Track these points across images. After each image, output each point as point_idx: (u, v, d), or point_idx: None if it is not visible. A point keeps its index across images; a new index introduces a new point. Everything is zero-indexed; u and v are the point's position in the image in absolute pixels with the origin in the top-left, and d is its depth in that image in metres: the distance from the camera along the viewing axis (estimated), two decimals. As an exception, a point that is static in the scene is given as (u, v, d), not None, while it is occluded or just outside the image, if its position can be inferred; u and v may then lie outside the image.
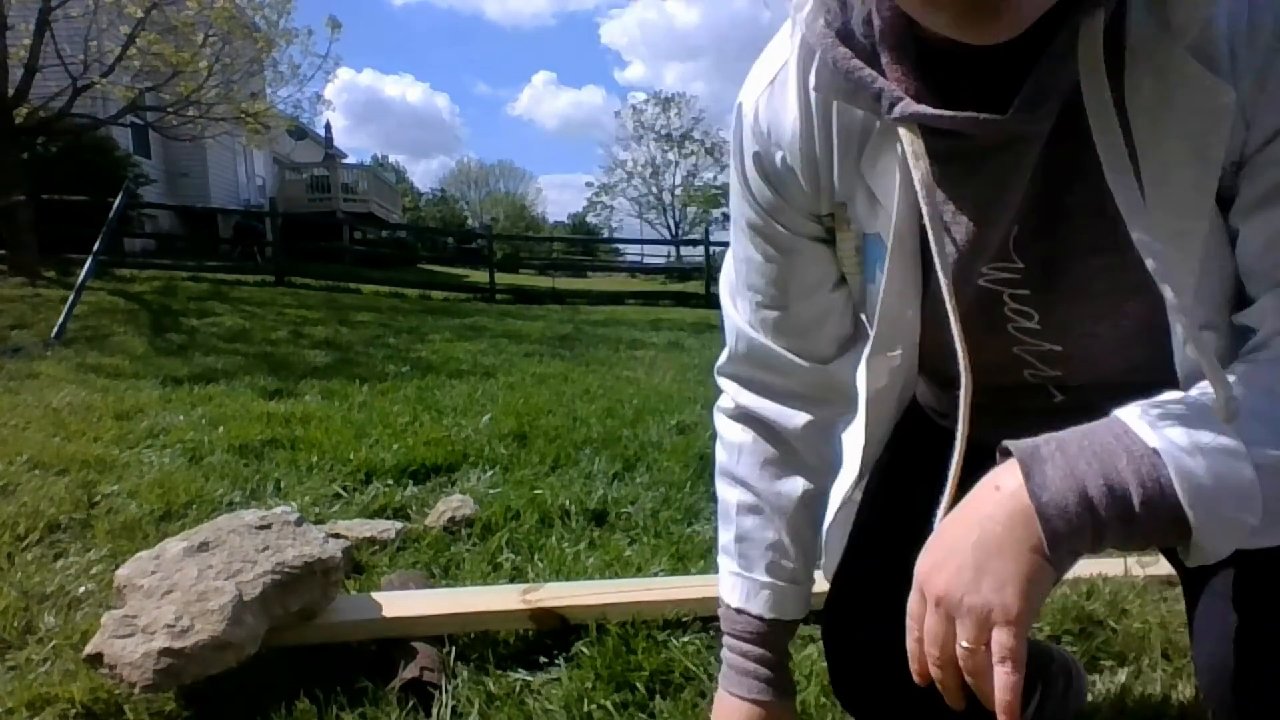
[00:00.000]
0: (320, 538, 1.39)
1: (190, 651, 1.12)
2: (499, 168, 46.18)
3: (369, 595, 1.45)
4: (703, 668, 1.28)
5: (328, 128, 23.14)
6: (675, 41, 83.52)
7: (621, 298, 13.12)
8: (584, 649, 1.34)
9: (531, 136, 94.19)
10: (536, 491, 2.21)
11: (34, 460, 2.39)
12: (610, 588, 1.50)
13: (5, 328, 5.30)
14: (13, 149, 7.74)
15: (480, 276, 12.67)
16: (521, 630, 1.39)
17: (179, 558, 1.29)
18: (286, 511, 1.45)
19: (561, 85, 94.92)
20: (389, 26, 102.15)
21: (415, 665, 1.25)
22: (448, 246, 20.56)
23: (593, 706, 1.20)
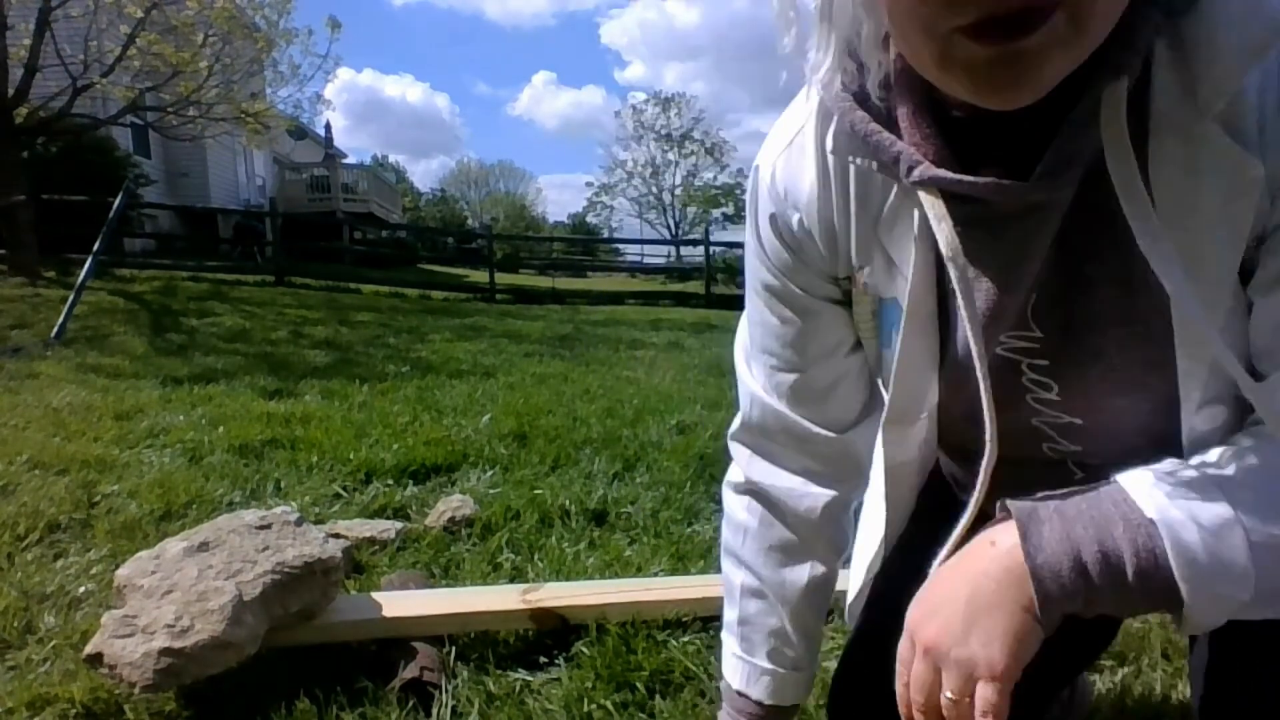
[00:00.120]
0: (320, 538, 1.39)
1: (190, 651, 1.12)
2: (499, 168, 46.16)
3: (369, 595, 1.45)
4: (703, 668, 1.29)
5: (328, 128, 23.14)
6: (675, 41, 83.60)
7: (621, 298, 13.11)
8: (584, 649, 1.34)
9: (531, 136, 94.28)
10: (536, 491, 2.21)
11: (34, 460, 2.39)
12: (610, 588, 1.50)
13: (5, 328, 5.30)
14: (13, 149, 7.74)
15: (480, 276, 12.66)
16: (521, 630, 1.39)
17: (179, 558, 1.29)
18: (286, 511, 1.45)
19: (561, 85, 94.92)
20: (389, 26, 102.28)
21: (415, 665, 1.25)
22: (448, 246, 20.52)
23: (593, 706, 1.20)
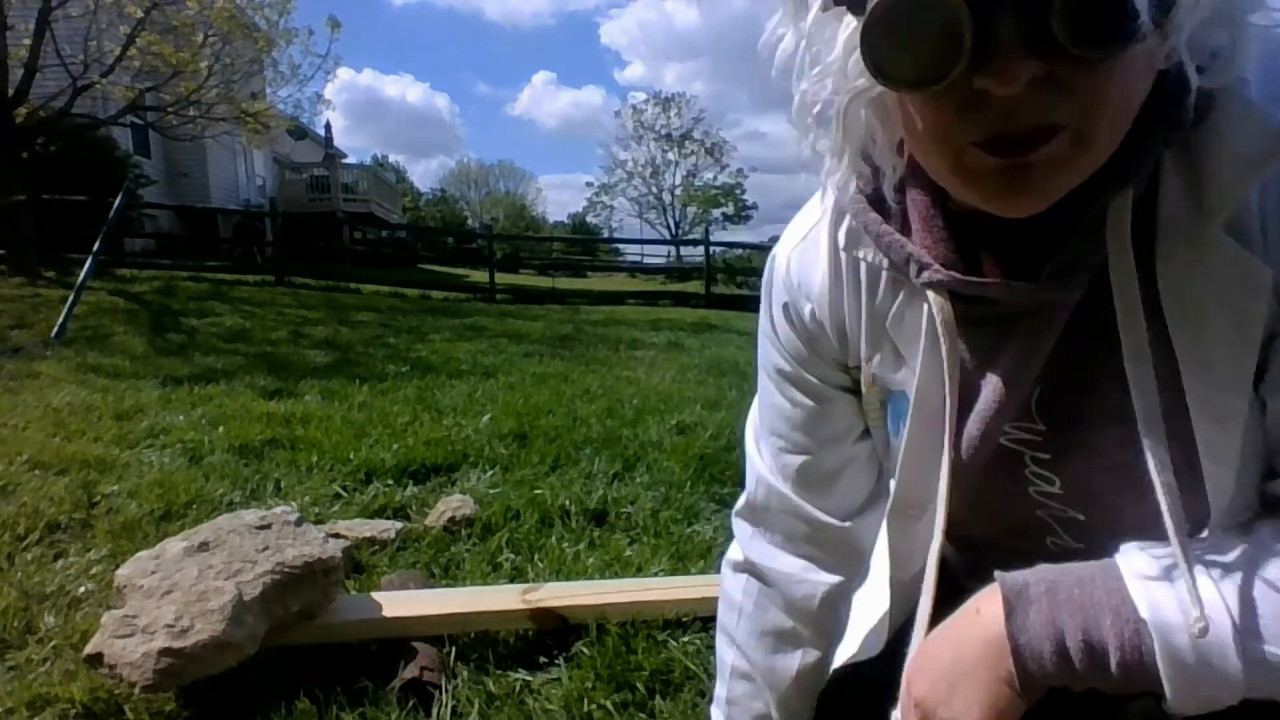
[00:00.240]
0: (320, 538, 1.39)
1: (190, 651, 1.12)
2: (499, 168, 46.10)
3: (369, 595, 1.45)
4: (703, 668, 1.29)
5: (328, 128, 23.11)
6: (675, 41, 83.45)
7: (621, 298, 13.10)
8: (584, 649, 1.34)
9: (531, 136, 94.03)
10: (536, 491, 2.21)
11: (34, 460, 2.39)
12: (610, 588, 1.50)
13: (5, 328, 5.30)
14: (13, 149, 7.74)
15: (480, 276, 12.65)
16: (521, 630, 1.39)
17: (179, 558, 1.29)
18: (286, 511, 1.45)
19: (561, 85, 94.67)
20: (389, 26, 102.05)
21: (415, 665, 1.25)
22: (448, 246, 20.50)
23: (593, 706, 1.20)
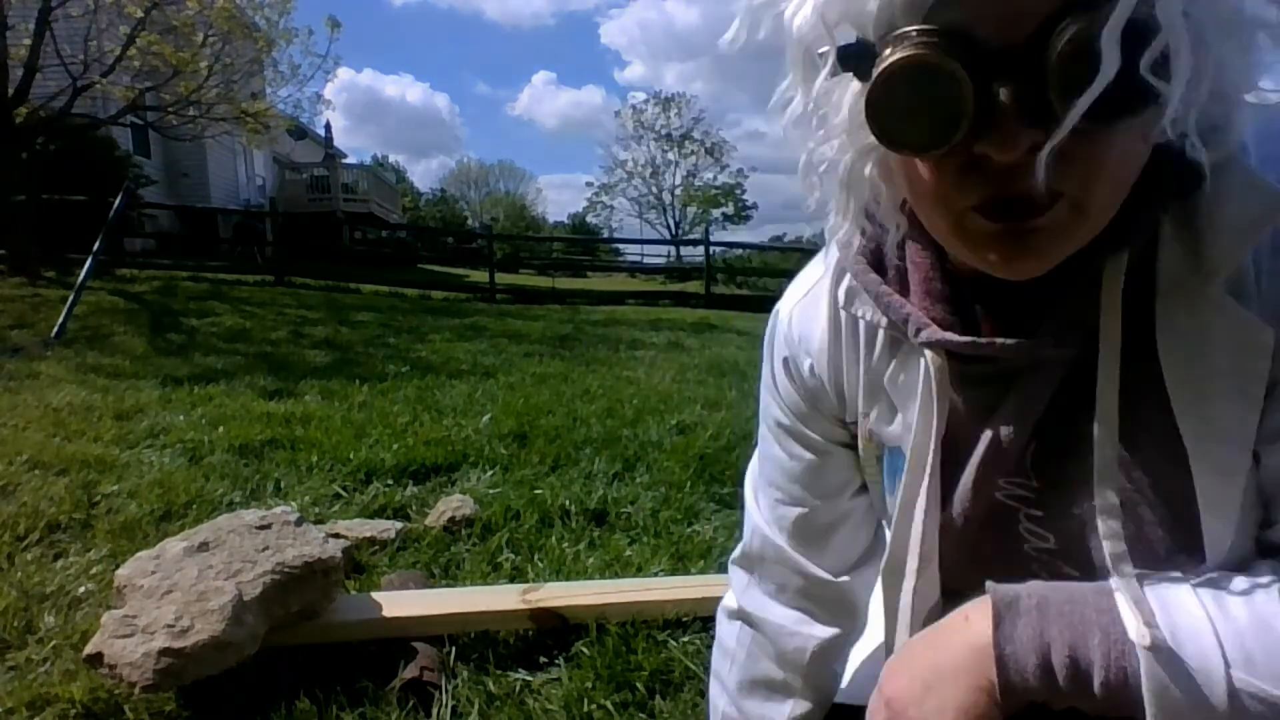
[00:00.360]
0: (320, 538, 1.39)
1: (190, 651, 1.12)
2: (499, 168, 46.06)
3: (369, 595, 1.45)
4: (702, 667, 1.29)
5: (328, 128, 23.09)
6: (675, 41, 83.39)
7: (621, 298, 13.09)
8: (584, 649, 1.34)
9: (531, 136, 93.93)
10: (536, 491, 2.21)
11: (34, 460, 2.39)
12: (610, 588, 1.50)
13: (5, 328, 5.30)
14: (13, 149, 7.74)
15: (480, 276, 12.64)
16: (521, 630, 1.39)
17: (179, 558, 1.29)
18: (286, 511, 1.45)
19: (561, 85, 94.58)
20: (389, 26, 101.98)
21: (415, 665, 1.26)
22: (448, 246, 20.52)
23: (593, 706, 1.20)
